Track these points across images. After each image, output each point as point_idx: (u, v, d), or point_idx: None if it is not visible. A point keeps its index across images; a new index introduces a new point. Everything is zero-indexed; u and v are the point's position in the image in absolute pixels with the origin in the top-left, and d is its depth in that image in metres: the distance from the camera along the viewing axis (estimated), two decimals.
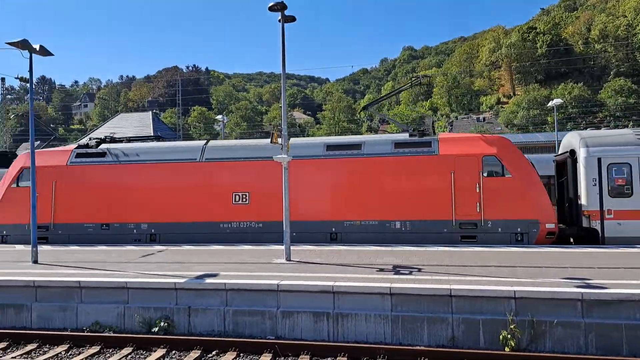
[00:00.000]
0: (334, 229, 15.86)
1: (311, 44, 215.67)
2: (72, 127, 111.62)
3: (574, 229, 15.62)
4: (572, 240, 15.83)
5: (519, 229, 14.82)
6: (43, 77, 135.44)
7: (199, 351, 8.42)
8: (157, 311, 9.69)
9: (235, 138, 76.04)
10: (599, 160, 14.68)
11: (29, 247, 13.30)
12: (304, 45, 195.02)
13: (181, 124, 68.29)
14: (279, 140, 12.79)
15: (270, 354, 8.17)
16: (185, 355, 8.38)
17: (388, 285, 9.02)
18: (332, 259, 12.24)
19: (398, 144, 16.11)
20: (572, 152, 15.65)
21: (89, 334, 9.31)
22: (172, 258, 13.01)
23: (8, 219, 17.65)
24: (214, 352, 8.46)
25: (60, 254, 14.21)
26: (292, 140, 17.29)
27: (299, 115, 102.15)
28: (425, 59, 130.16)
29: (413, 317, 8.74)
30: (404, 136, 16.62)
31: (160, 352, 8.51)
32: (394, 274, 10.20)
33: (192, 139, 75.79)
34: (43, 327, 10.02)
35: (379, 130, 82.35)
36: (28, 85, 14.56)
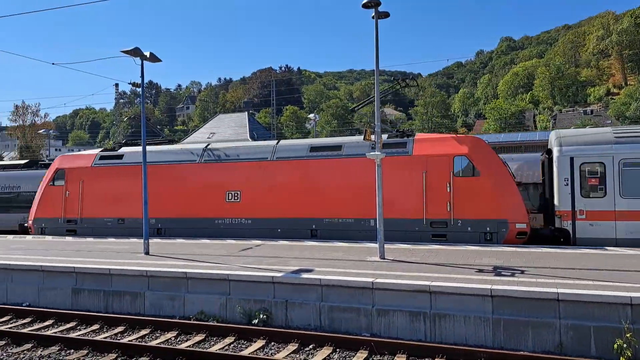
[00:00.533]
0: (314, 226, 16.58)
1: (402, 38, 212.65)
2: (176, 127, 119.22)
3: (547, 229, 15.25)
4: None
5: (487, 229, 14.80)
6: (151, 82, 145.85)
7: (297, 344, 8.63)
8: (256, 303, 10.07)
9: (326, 136, 76.99)
10: (572, 159, 14.31)
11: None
12: (395, 40, 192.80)
13: (275, 123, 70.38)
14: (372, 137, 12.72)
15: (366, 351, 8.17)
16: (283, 348, 8.63)
17: (489, 287, 8.66)
18: (428, 259, 11.99)
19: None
20: (549, 152, 15.04)
21: (195, 322, 9.89)
22: (269, 252, 13.45)
23: (46, 213, 20.20)
24: (310, 346, 8.63)
25: (168, 247, 15.23)
26: (281, 142, 18.67)
27: (391, 112, 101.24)
28: (525, 50, 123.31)
29: (516, 320, 8.33)
30: (383, 137, 16.35)
31: (260, 343, 8.83)
32: (495, 275, 9.78)
33: (285, 138, 77.93)
34: (154, 314, 10.80)
35: (475, 124, 79.37)
36: (139, 89, 15.75)
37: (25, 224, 21.61)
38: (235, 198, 17.65)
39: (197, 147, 19.78)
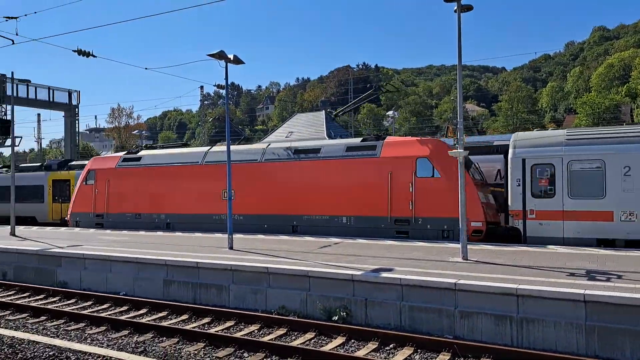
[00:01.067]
0: (295, 222, 17.98)
1: (485, 31, 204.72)
2: (256, 127, 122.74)
3: (502, 227, 15.81)
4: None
5: (445, 226, 15.71)
6: (233, 84, 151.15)
7: (377, 343, 8.61)
8: (336, 300, 10.16)
9: (404, 133, 75.91)
10: (524, 160, 14.77)
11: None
12: (477, 33, 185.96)
13: (352, 121, 70.49)
14: (456, 134, 12.37)
15: (449, 354, 7.99)
16: (364, 346, 8.64)
17: (582, 291, 8.16)
18: (514, 260, 11.50)
19: (349, 148, 17.73)
20: (507, 154, 15.55)
21: (276, 316, 10.16)
22: (348, 250, 13.51)
23: (80, 208, 23.10)
24: (391, 345, 8.58)
25: (250, 242, 15.74)
26: (272, 145, 19.90)
27: (473, 108, 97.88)
28: (620, 39, 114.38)
29: (612, 328, 7.79)
30: (356, 141, 18.13)
31: (340, 339, 8.90)
32: (588, 279, 9.19)
33: (362, 136, 77.77)
34: (238, 306, 11.22)
35: (564, 120, 74.86)
36: (223, 91, 16.40)
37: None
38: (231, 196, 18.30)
39: (200, 150, 21.62)
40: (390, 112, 38.78)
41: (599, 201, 13.92)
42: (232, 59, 15.02)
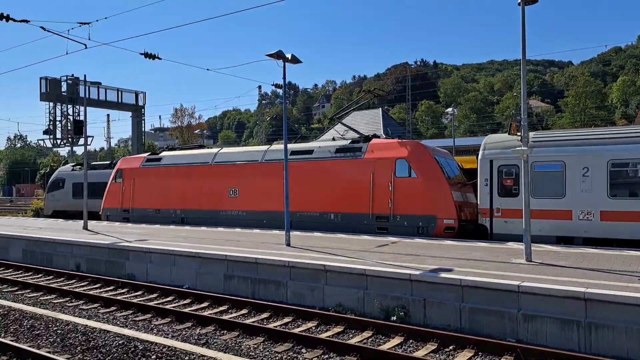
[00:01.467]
0: (289, 218, 18.35)
1: (550, 23, 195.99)
2: (312, 126, 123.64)
3: (472, 225, 16.55)
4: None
5: (420, 223, 16.62)
6: (289, 83, 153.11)
7: (436, 344, 8.49)
8: (393, 300, 10.09)
9: (464, 131, 74.08)
10: (491, 162, 15.66)
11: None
12: (541, 25, 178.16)
13: (410, 119, 69.55)
14: (519, 131, 11.97)
15: (512, 357, 7.76)
16: (422, 346, 8.54)
17: None
18: (581, 263, 11.00)
19: (338, 149, 18.88)
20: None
21: (333, 313, 10.22)
22: (405, 250, 13.38)
23: (110, 204, 25.30)
24: (450, 347, 8.43)
25: (307, 239, 15.89)
26: (271, 147, 21.41)
27: (537, 104, 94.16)
28: None
29: None
30: (346, 142, 19.27)
31: (397, 339, 8.84)
32: None
33: (420, 133, 76.59)
34: (296, 303, 11.37)
35: (637, 116, 70.57)
36: (280, 90, 16.65)
37: None
38: (234, 194, 21.06)
39: (210, 152, 23.49)
40: (449, 109, 37.92)
41: (559, 201, 14.77)
42: (289, 58, 15.20)
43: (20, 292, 13.46)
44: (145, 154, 26.29)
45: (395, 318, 9.77)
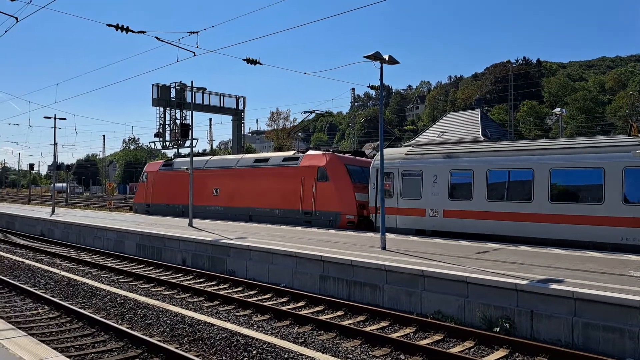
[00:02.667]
0: (250, 213, 24.59)
1: None
2: (405, 128, 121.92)
3: (365, 219, 20.67)
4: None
5: (330, 217, 21.13)
6: (383, 84, 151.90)
7: (545, 359, 7.92)
8: (497, 310, 9.59)
9: (571, 133, 69.17)
10: (377, 170, 18.10)
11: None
12: None
13: (511, 120, 66.22)
14: None
15: None
16: None
17: None
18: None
19: (284, 159, 23.95)
20: None
21: (432, 320, 9.91)
22: (509, 258, 12.69)
23: (138, 200, 32.91)
24: None
25: (403, 243, 15.63)
26: (243, 156, 27.91)
27: None
28: None
29: None
30: (290, 154, 24.43)
31: (502, 352, 8.38)
32: None
33: (521, 135, 72.64)
34: (392, 307, 11.18)
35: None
36: (373, 92, 16.59)
37: None
38: (217, 193, 26.82)
39: (205, 158, 29.65)
40: (556, 110, 35.56)
41: (417, 201, 18.70)
42: (387, 59, 15.05)
43: (134, 283, 14.54)
44: (163, 160, 32.97)
45: (498, 329, 9.27)
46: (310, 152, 23.71)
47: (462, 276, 10.34)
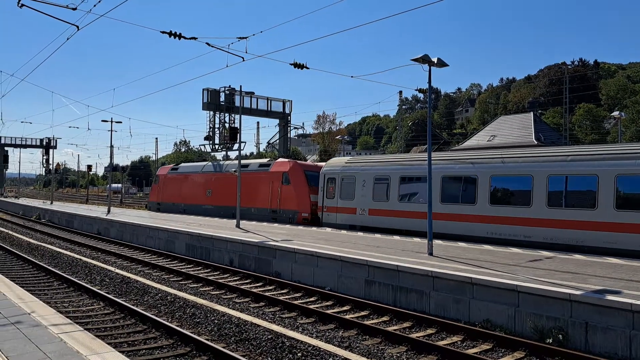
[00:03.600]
0: (232, 212, 25.99)
1: None
2: (454, 131, 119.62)
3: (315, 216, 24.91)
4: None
5: (290, 215, 25.60)
6: (431, 87, 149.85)
7: None
8: (549, 320, 9.25)
9: (630, 137, 65.89)
10: (324, 175, 24.26)
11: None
12: None
13: (566, 123, 63.78)
14: None
15: None
16: None
17: None
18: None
19: (260, 165, 28.75)
20: None
21: (481, 329, 9.67)
22: (562, 267, 12.22)
23: (151, 199, 38.61)
24: None
25: (451, 249, 15.34)
26: (228, 162, 32.50)
27: None
28: None
29: None
30: (265, 161, 29.49)
31: None
32: None
33: (577, 139, 69.86)
34: (439, 314, 10.99)
35: None
36: (421, 95, 16.36)
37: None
38: (210, 194, 31.79)
39: (199, 164, 35.03)
40: (615, 113, 33.96)
41: (351, 201, 22.73)
42: (435, 62, 14.85)
43: (183, 282, 14.94)
44: (172, 165, 39.54)
45: (551, 340, 8.94)
46: (280, 159, 28.62)
47: (513, 284, 10.04)
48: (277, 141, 44.20)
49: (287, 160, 28.10)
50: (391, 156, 25.91)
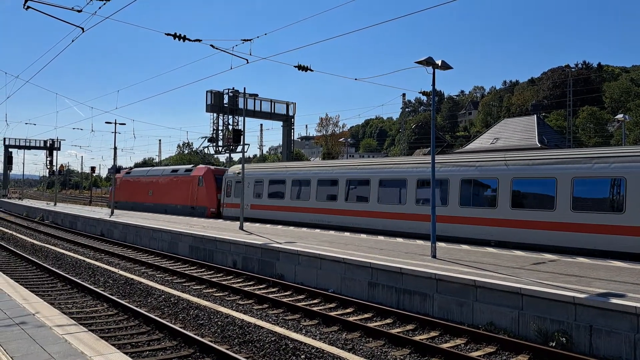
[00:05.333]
0: (166, 209, 35.13)
1: None
2: (457, 134, 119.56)
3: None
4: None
5: (201, 210, 32.48)
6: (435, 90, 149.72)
7: None
8: (553, 323, 9.23)
9: (634, 139, 65.72)
10: (225, 179, 31.10)
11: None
12: None
13: (570, 126, 63.65)
14: None
15: None
16: None
17: None
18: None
19: (185, 170, 35.62)
20: None
21: (484, 332, 9.66)
22: (566, 270, 12.19)
23: (110, 199, 41.41)
24: None
25: (454, 252, 15.31)
26: (164, 168, 41.49)
27: None
28: None
29: None
30: (190, 166, 36.49)
31: None
32: None
33: (580, 142, 69.72)
34: (442, 317, 10.98)
35: None
36: (425, 98, 16.32)
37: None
38: (151, 194, 38.25)
39: (146, 169, 42.89)
40: (619, 116, 33.88)
41: (236, 199, 28.76)
42: (439, 64, 14.85)
43: (187, 284, 14.96)
44: (126, 169, 45.42)
45: (554, 343, 8.92)
46: (200, 166, 35.34)
47: (517, 287, 10.03)
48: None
49: (203, 166, 34.80)
50: (266, 164, 35.14)
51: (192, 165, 36.29)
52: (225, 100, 41.12)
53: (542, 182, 16.61)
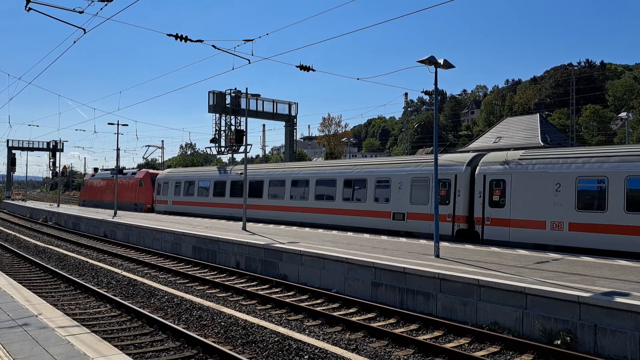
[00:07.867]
0: (120, 207, 36.33)
1: None
2: (460, 133, 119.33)
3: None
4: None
5: (142, 206, 40.20)
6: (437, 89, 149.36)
7: None
8: (557, 322, 9.19)
9: (637, 138, 65.51)
10: (157, 180, 38.86)
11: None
12: None
13: (573, 125, 63.47)
14: None
15: None
16: None
17: None
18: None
19: (132, 173, 43.08)
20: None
21: (488, 332, 9.62)
22: (570, 269, 12.14)
23: (80, 197, 56.41)
24: None
25: (458, 252, 15.27)
26: (106, 172, 50.34)
27: None
28: None
29: None
30: (136, 170, 44.76)
31: None
32: None
33: (583, 140, 69.53)
34: (446, 316, 10.94)
35: None
36: (426, 97, 16.25)
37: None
38: (108, 193, 43.85)
39: (107, 172, 47.76)
40: (622, 114, 33.76)
41: (166, 197, 37.00)
42: (442, 63, 14.82)
43: (190, 285, 14.95)
44: (93, 172, 54.77)
45: (559, 342, 8.87)
46: (142, 170, 42.82)
47: (521, 287, 9.99)
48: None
49: (144, 170, 43.03)
50: (190, 169, 41.43)
51: (136, 169, 45.17)
52: (228, 101, 41.07)
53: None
